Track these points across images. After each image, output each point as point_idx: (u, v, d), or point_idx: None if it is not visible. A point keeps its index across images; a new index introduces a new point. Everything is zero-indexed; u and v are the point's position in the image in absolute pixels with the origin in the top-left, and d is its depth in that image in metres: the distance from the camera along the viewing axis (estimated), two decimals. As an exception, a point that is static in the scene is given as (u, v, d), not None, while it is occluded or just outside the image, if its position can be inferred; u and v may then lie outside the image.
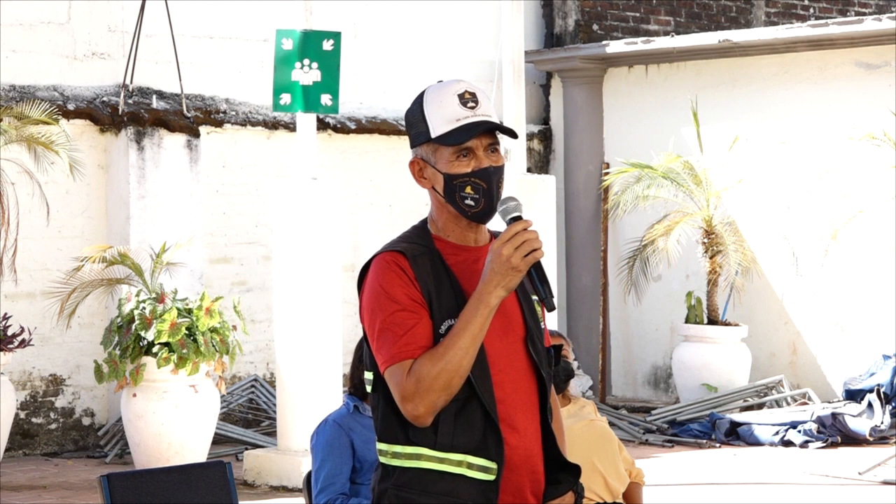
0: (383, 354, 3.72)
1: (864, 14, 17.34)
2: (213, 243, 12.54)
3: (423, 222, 3.90)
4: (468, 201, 3.78)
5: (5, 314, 10.90)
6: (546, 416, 3.87)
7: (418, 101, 3.85)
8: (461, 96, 3.80)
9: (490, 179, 3.79)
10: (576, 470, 3.93)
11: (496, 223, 3.85)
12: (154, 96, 12.49)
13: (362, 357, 5.71)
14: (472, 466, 3.72)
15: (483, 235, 3.88)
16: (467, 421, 3.72)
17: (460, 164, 3.78)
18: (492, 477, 3.72)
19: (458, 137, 3.77)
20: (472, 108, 3.79)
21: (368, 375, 3.83)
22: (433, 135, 3.79)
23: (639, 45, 14.75)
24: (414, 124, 3.85)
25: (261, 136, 13.28)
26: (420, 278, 3.75)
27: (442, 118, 3.79)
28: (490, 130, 3.80)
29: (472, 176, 3.78)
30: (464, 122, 3.78)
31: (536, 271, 3.73)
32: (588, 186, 15.13)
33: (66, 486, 10.66)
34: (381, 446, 3.80)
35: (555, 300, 3.79)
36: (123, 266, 10.76)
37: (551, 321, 9.28)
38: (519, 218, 3.74)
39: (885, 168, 12.92)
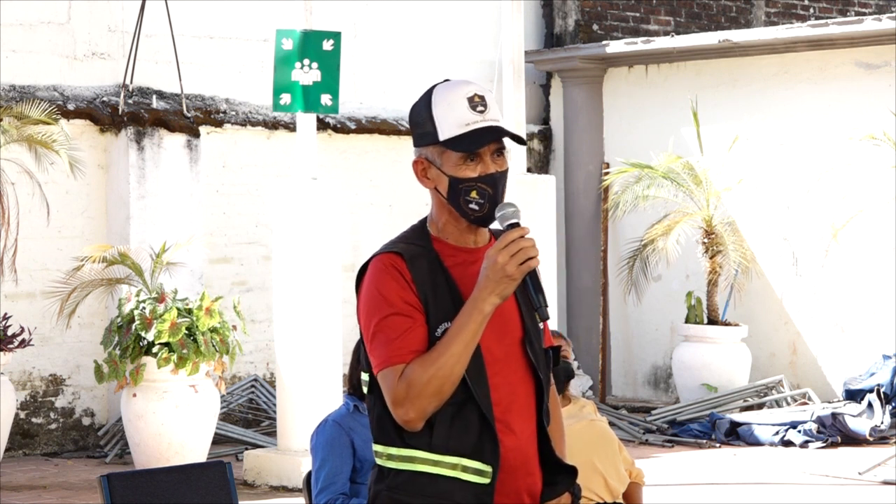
0: (376, 357, 3.71)
1: (864, 14, 17.33)
2: (213, 243, 12.54)
3: (423, 222, 3.86)
4: (472, 205, 3.75)
5: (5, 314, 10.90)
6: (542, 417, 3.85)
7: (425, 101, 3.79)
8: (470, 99, 3.74)
9: (496, 185, 3.76)
10: (572, 471, 3.91)
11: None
12: (154, 96, 12.49)
13: (360, 357, 5.74)
14: (466, 469, 3.70)
15: (482, 237, 3.85)
16: (463, 424, 3.70)
17: (467, 168, 3.74)
18: (486, 480, 3.70)
19: (469, 144, 3.73)
20: (482, 112, 3.74)
21: (365, 377, 3.82)
22: (441, 137, 3.74)
23: (639, 45, 14.75)
24: (420, 124, 3.79)
25: (261, 136, 13.28)
26: (417, 281, 3.72)
27: (451, 121, 3.74)
28: (500, 137, 3.76)
29: (478, 181, 3.74)
30: (473, 127, 3.73)
31: (532, 279, 3.69)
32: (588, 186, 15.13)
33: (66, 486, 10.66)
34: (376, 448, 3.79)
35: (548, 309, 3.75)
36: (123, 266, 10.77)
37: (551, 321, 9.29)
38: (516, 225, 3.70)
39: (885, 168, 12.91)
